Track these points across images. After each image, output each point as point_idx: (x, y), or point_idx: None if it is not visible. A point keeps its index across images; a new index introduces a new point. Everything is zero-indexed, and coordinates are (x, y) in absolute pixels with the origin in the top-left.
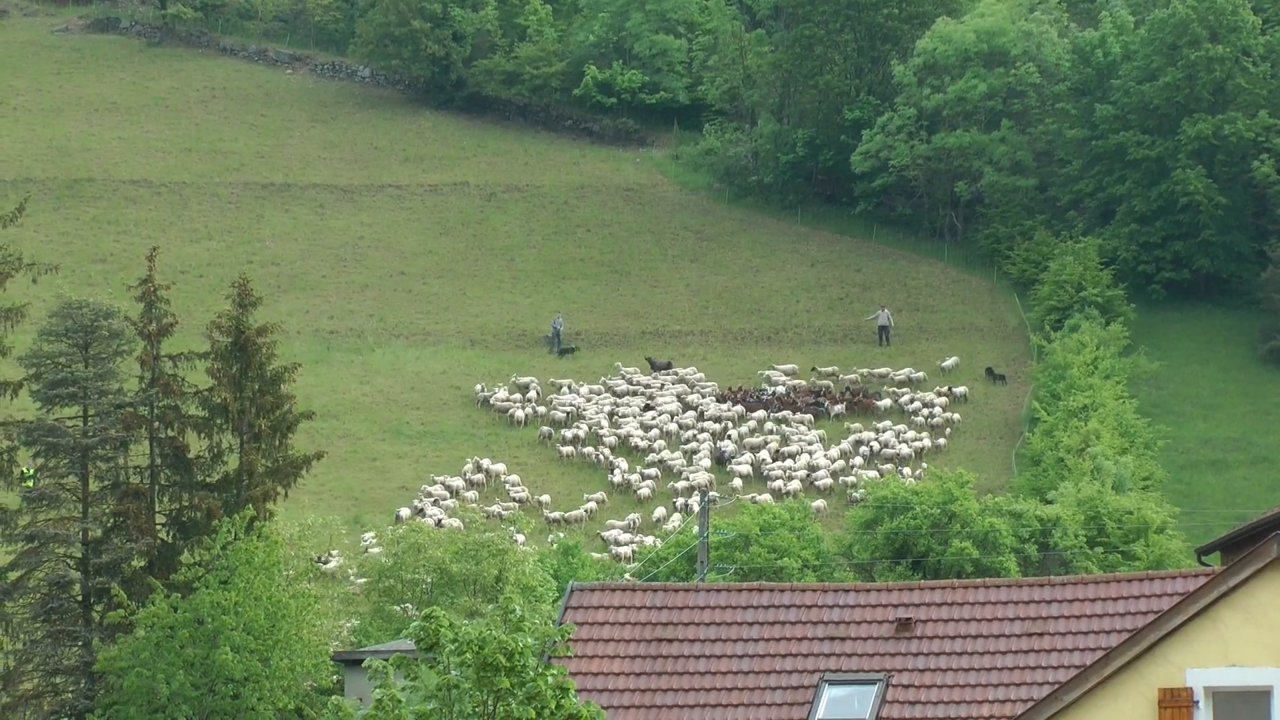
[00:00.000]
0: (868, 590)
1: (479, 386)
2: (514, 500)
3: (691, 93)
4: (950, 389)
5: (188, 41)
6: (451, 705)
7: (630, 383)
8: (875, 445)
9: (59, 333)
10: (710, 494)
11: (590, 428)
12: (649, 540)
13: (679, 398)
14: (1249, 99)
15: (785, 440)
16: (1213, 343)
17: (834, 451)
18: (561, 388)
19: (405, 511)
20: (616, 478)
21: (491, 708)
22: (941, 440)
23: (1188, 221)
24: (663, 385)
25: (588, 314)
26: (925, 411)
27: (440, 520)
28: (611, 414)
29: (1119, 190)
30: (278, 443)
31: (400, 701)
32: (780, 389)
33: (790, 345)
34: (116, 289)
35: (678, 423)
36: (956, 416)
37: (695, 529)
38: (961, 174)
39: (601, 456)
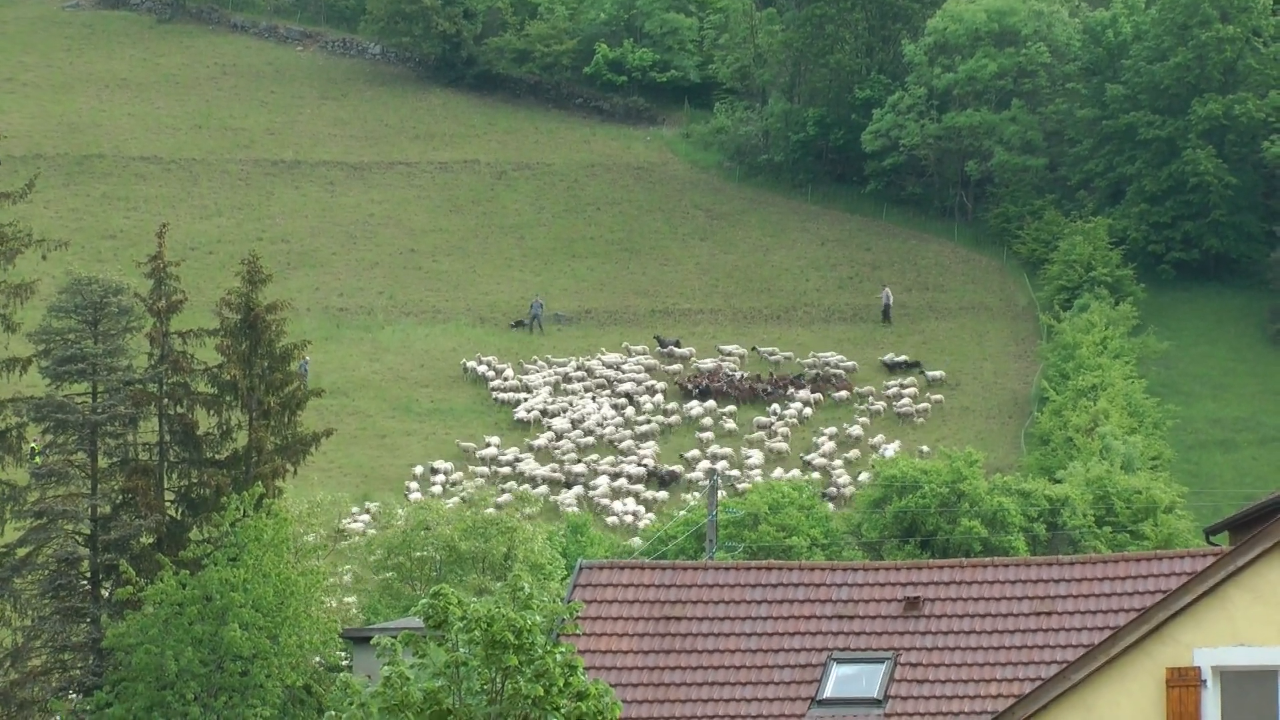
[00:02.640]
0: (876, 569)
1: (467, 363)
2: (517, 477)
3: (702, 71)
4: (924, 373)
5: (198, 18)
6: (459, 683)
7: (604, 365)
8: (827, 445)
9: (68, 309)
10: (717, 470)
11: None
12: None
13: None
14: (1259, 79)
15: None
16: (1222, 322)
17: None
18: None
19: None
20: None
21: (500, 685)
22: (921, 420)
23: (1198, 201)
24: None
25: (597, 292)
26: (898, 403)
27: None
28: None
29: (1129, 170)
30: (287, 420)
31: (408, 679)
32: (740, 374)
33: (799, 324)
34: (126, 265)
35: (658, 417)
36: (937, 398)
37: (705, 508)
38: (972, 153)
39: (567, 457)
